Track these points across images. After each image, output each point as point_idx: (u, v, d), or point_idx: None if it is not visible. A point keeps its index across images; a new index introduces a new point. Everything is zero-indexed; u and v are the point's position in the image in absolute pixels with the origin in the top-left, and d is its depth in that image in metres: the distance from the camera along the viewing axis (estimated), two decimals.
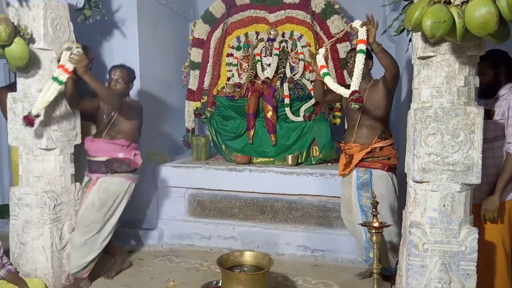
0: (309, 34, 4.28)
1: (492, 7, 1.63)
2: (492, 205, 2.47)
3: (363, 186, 2.93)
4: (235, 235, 3.90)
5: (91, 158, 3.13)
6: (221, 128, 4.26)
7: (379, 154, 2.90)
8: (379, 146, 2.89)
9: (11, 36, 2.54)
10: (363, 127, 2.97)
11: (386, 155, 2.90)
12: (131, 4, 3.95)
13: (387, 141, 2.92)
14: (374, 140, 2.90)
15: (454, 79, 2.13)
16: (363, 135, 2.96)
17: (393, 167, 2.95)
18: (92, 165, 3.13)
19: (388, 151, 2.92)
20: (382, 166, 2.90)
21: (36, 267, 2.96)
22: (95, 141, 3.12)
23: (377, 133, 2.91)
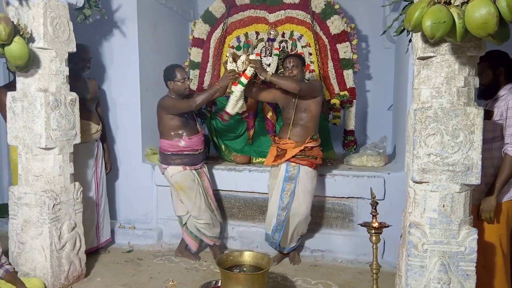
0: (309, 34, 4.28)
1: (492, 7, 1.63)
2: (488, 206, 2.48)
3: (290, 179, 3.29)
4: (234, 235, 3.90)
5: (199, 152, 3.47)
6: (221, 128, 4.26)
7: (309, 153, 3.28)
8: (310, 146, 3.26)
9: (10, 35, 2.54)
10: (297, 126, 3.32)
11: (315, 155, 3.29)
12: (131, 4, 3.95)
13: (316, 142, 3.31)
14: (307, 139, 3.26)
15: (454, 80, 2.13)
16: (297, 133, 3.31)
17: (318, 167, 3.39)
18: (199, 157, 3.50)
19: (316, 151, 3.31)
20: (310, 164, 3.28)
21: (35, 267, 2.95)
22: (198, 137, 3.47)
23: (310, 134, 3.28)
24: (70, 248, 3.08)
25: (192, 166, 3.44)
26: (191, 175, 3.43)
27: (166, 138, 3.40)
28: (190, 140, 3.39)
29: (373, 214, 2.39)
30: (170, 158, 3.39)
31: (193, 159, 3.44)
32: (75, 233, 3.13)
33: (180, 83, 3.33)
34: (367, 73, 4.93)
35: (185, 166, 3.40)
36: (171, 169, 3.39)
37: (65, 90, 3.05)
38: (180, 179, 3.39)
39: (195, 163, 3.47)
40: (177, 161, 3.39)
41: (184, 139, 3.37)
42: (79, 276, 3.19)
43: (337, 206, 3.73)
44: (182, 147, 3.37)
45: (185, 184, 3.39)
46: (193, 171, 3.45)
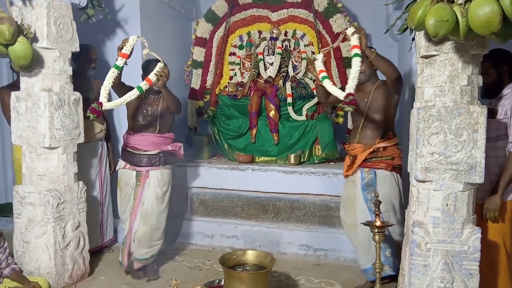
0: (311, 33, 4.27)
1: (496, 5, 1.62)
2: (493, 204, 2.47)
3: (368, 186, 2.90)
4: (237, 234, 3.90)
5: (141, 152, 3.14)
6: (224, 127, 4.26)
7: (382, 154, 2.89)
8: (382, 146, 2.88)
9: (14, 35, 2.55)
10: (367, 128, 2.96)
11: (390, 155, 2.89)
12: (134, 3, 3.95)
13: (390, 141, 2.91)
14: (377, 140, 2.90)
15: (457, 78, 2.12)
16: (367, 136, 2.95)
17: (397, 167, 2.92)
18: (143, 159, 3.14)
19: (391, 151, 2.91)
20: (386, 166, 2.88)
21: (39, 266, 2.97)
22: (145, 136, 3.15)
23: (380, 134, 2.91)
24: (74, 247, 3.10)
25: (133, 166, 3.16)
26: (126, 176, 3.18)
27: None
28: (131, 135, 3.18)
29: (376, 213, 2.39)
30: (121, 149, 3.29)
31: (133, 158, 3.15)
32: (79, 232, 3.14)
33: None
34: None
35: (126, 164, 3.19)
36: (119, 162, 3.28)
37: (68, 90, 3.06)
38: (119, 176, 3.24)
39: (136, 164, 3.15)
40: (122, 154, 3.26)
41: (126, 133, 3.24)
42: (83, 275, 3.21)
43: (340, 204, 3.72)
44: (126, 141, 3.21)
45: (120, 182, 3.22)
46: (133, 172, 3.16)
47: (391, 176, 2.89)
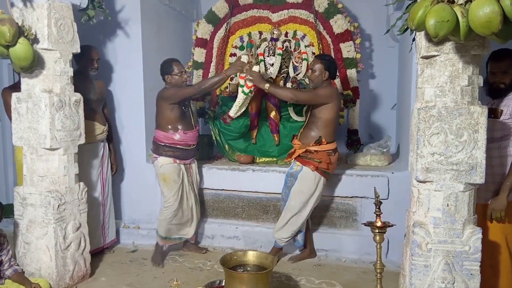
0: (312, 34, 4.27)
1: (496, 6, 1.62)
2: (500, 205, 2.47)
3: (291, 176, 3.37)
4: (238, 235, 3.90)
5: (191, 147, 3.54)
6: (224, 128, 4.26)
7: (312, 156, 3.25)
8: (313, 149, 3.25)
9: (15, 36, 2.56)
10: (307, 129, 3.36)
11: (318, 159, 3.24)
12: (135, 4, 3.96)
13: (322, 147, 3.25)
14: (312, 143, 3.26)
15: (458, 79, 2.12)
16: (305, 136, 3.35)
17: (324, 171, 3.28)
18: (191, 153, 3.58)
19: (321, 155, 3.24)
20: (312, 167, 3.25)
21: (40, 267, 2.97)
22: (194, 132, 3.55)
23: (315, 137, 3.26)
24: (75, 248, 3.10)
25: (182, 160, 3.51)
26: (178, 169, 3.49)
27: (161, 130, 3.46)
28: (185, 134, 3.46)
29: (376, 214, 2.39)
30: (163, 149, 3.45)
31: (184, 154, 3.50)
32: (80, 233, 3.14)
33: (177, 77, 3.43)
34: (371, 72, 4.92)
35: (176, 159, 3.46)
36: (162, 159, 3.45)
37: (69, 91, 3.07)
38: (168, 171, 3.45)
39: (186, 158, 3.54)
40: (169, 152, 3.45)
41: (180, 133, 3.44)
42: (84, 276, 3.21)
43: (341, 205, 3.73)
44: (176, 140, 3.44)
45: (170, 176, 3.45)
46: (181, 165, 3.52)
47: (314, 175, 3.26)
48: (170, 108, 3.41)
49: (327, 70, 3.26)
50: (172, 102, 3.40)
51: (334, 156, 3.32)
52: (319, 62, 3.28)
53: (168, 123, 3.44)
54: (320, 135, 3.26)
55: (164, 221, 3.51)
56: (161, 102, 3.44)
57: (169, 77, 3.45)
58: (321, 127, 3.28)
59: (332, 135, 3.32)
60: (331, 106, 3.23)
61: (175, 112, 3.43)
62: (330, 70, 3.28)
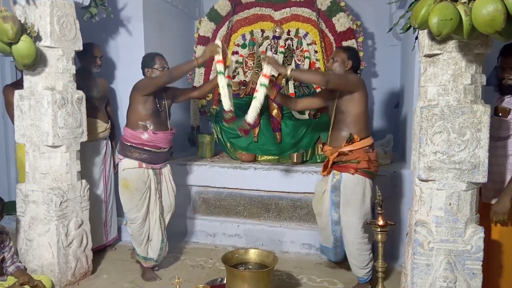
0: (314, 32, 4.26)
1: (500, 4, 1.61)
2: (502, 208, 2.41)
3: (335, 189, 2.91)
4: (239, 233, 3.90)
5: (161, 150, 3.17)
6: (226, 126, 4.26)
7: (347, 158, 2.85)
8: (347, 150, 2.85)
9: (18, 34, 2.56)
10: (336, 130, 2.97)
11: (355, 158, 2.83)
12: (137, 2, 3.96)
13: (355, 145, 2.86)
14: (343, 143, 2.88)
15: (461, 77, 2.12)
16: (335, 138, 2.96)
17: (366, 171, 2.85)
18: (162, 157, 3.20)
19: (357, 154, 2.84)
20: (350, 170, 2.84)
21: (43, 264, 2.98)
22: (166, 134, 3.19)
23: (346, 137, 2.88)
24: (77, 245, 3.11)
25: (150, 164, 3.12)
26: (144, 176, 3.11)
27: (130, 127, 3.12)
28: (154, 135, 3.09)
29: (379, 213, 2.39)
30: (128, 149, 3.09)
31: (153, 157, 3.12)
32: (82, 230, 3.15)
33: (158, 72, 3.12)
34: (373, 71, 4.91)
35: (142, 163, 3.09)
36: (126, 162, 3.08)
37: (72, 89, 3.07)
38: (130, 177, 3.08)
39: (155, 162, 3.14)
40: (134, 154, 3.08)
41: (149, 132, 3.08)
42: (86, 273, 3.22)
43: None
44: (144, 140, 3.07)
45: (132, 183, 3.08)
46: (149, 171, 3.13)
47: (356, 179, 2.84)
48: (142, 102, 3.06)
49: (350, 59, 2.95)
50: (145, 93, 3.04)
51: (373, 153, 2.93)
52: (342, 51, 3.01)
53: (138, 119, 3.09)
54: (350, 132, 2.88)
55: (135, 238, 3.19)
56: (134, 94, 3.10)
57: (149, 70, 3.14)
58: (351, 123, 2.89)
59: (366, 130, 2.92)
60: (358, 97, 2.86)
61: (148, 108, 3.09)
62: (353, 60, 2.96)
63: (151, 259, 3.23)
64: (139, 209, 3.13)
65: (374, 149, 2.98)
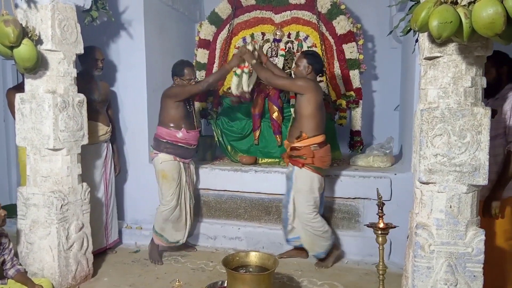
0: (315, 35, 4.28)
1: (500, 7, 1.62)
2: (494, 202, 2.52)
3: (288, 178, 3.39)
4: (240, 236, 3.90)
5: (192, 147, 3.58)
6: (227, 128, 4.27)
7: (297, 153, 3.25)
8: (297, 146, 3.23)
9: (19, 37, 2.57)
10: (293, 127, 3.38)
11: (302, 154, 3.21)
12: (138, 6, 3.97)
13: (304, 142, 3.22)
14: (294, 140, 3.26)
15: (461, 80, 2.12)
16: (291, 134, 3.36)
17: (312, 166, 3.22)
18: (191, 152, 3.62)
19: (304, 151, 3.21)
20: (298, 164, 3.25)
21: (43, 267, 2.98)
22: (197, 132, 3.60)
23: (297, 134, 3.24)
24: (77, 248, 3.11)
25: (182, 159, 3.54)
26: (178, 167, 3.52)
27: (164, 127, 3.49)
28: (188, 133, 3.49)
29: (379, 215, 2.38)
30: (164, 145, 3.47)
31: (185, 152, 3.54)
32: (82, 233, 3.15)
33: (186, 82, 3.48)
34: (374, 74, 4.92)
35: (176, 157, 3.49)
36: (163, 156, 3.47)
37: (73, 92, 3.08)
38: (168, 168, 3.47)
39: (186, 157, 3.57)
40: (170, 150, 3.47)
41: (183, 131, 3.47)
42: (87, 276, 3.22)
43: (343, 206, 3.72)
44: (178, 138, 3.47)
45: (170, 174, 3.48)
46: (181, 164, 3.54)
47: (304, 173, 3.24)
48: (175, 106, 3.45)
49: (310, 64, 3.27)
50: (178, 100, 3.44)
51: (321, 150, 3.25)
52: (303, 56, 3.33)
53: (172, 121, 3.47)
54: (300, 130, 3.24)
55: (161, 218, 3.53)
56: (166, 100, 3.47)
57: (177, 79, 3.50)
58: (303, 122, 3.24)
59: (316, 129, 3.24)
60: (308, 99, 3.19)
61: (180, 111, 3.47)
62: (313, 65, 3.28)
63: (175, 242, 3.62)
64: (175, 196, 3.51)
65: (324, 146, 3.29)
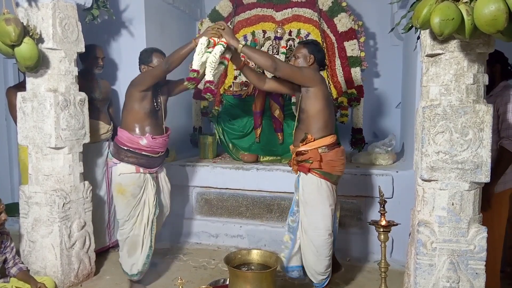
0: (316, 32, 4.26)
1: (502, 3, 1.61)
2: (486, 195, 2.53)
3: (295, 188, 2.88)
4: (242, 234, 3.90)
5: (159, 155, 3.01)
6: (228, 126, 4.26)
7: (303, 158, 2.75)
8: (302, 150, 2.75)
9: (20, 36, 2.57)
10: (297, 129, 2.87)
11: (308, 158, 2.72)
12: (139, 4, 3.97)
13: (311, 145, 2.73)
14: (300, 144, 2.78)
15: (463, 77, 2.11)
16: (296, 137, 2.86)
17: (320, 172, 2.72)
18: (159, 160, 3.05)
19: (311, 154, 2.72)
20: (304, 169, 2.75)
21: (46, 265, 2.99)
22: (163, 138, 3.03)
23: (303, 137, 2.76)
24: (80, 246, 3.11)
25: (147, 169, 2.97)
26: (140, 181, 2.95)
27: (127, 130, 2.93)
28: (153, 140, 2.94)
29: (381, 213, 2.38)
30: (125, 153, 2.91)
31: (150, 162, 2.98)
32: (84, 232, 3.16)
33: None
34: (375, 71, 4.91)
35: (139, 168, 2.93)
36: (122, 166, 2.90)
37: (74, 90, 3.08)
38: (126, 182, 2.90)
39: (152, 166, 3.01)
40: (131, 159, 2.90)
41: (147, 138, 2.91)
42: (89, 274, 3.23)
43: (345, 204, 3.72)
44: (142, 145, 2.91)
45: (129, 189, 2.91)
46: (146, 175, 2.98)
47: (311, 179, 2.74)
48: (139, 99, 2.88)
49: (312, 53, 2.80)
50: (143, 88, 2.86)
51: (330, 153, 2.74)
52: (302, 46, 2.85)
53: (135, 121, 2.91)
54: (306, 132, 2.76)
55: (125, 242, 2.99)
56: (130, 91, 2.91)
57: (145, 67, 2.98)
58: (309, 122, 2.75)
59: (323, 129, 2.75)
60: (315, 93, 2.69)
61: (145, 106, 2.91)
62: (315, 54, 2.81)
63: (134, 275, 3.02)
64: (132, 217, 2.96)
65: (334, 148, 2.78)
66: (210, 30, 2.69)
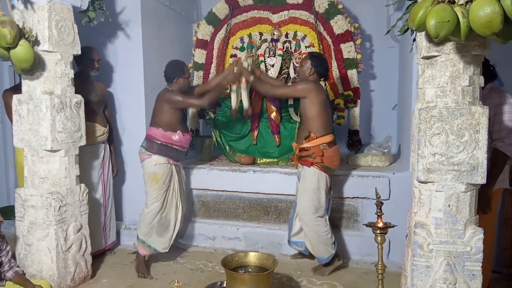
0: (312, 35, 4.27)
1: (497, 6, 1.62)
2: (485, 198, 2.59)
3: (298, 178, 3.40)
4: (239, 236, 3.90)
5: (184, 150, 3.52)
6: (225, 129, 4.26)
7: (306, 153, 3.26)
8: (305, 146, 3.24)
9: (16, 38, 2.56)
10: (300, 129, 3.43)
11: (312, 153, 3.22)
12: (135, 6, 3.96)
13: (312, 142, 3.22)
14: (303, 141, 3.27)
15: (459, 79, 2.12)
16: (299, 136, 3.39)
17: (321, 165, 3.21)
18: (183, 155, 3.57)
19: (314, 150, 3.22)
20: (307, 163, 3.25)
21: (42, 268, 2.97)
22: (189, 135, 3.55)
23: (305, 135, 3.26)
24: (76, 249, 3.10)
25: (175, 161, 3.45)
26: (170, 171, 3.42)
27: (159, 128, 3.37)
28: (183, 136, 3.43)
29: (378, 214, 2.39)
30: (159, 147, 3.35)
31: (178, 155, 3.47)
32: (81, 235, 3.14)
33: (186, 80, 3.46)
34: (371, 73, 4.92)
35: (170, 159, 3.39)
36: (157, 158, 3.34)
37: (70, 93, 3.07)
38: (161, 171, 3.35)
39: (178, 160, 3.50)
40: (164, 152, 3.36)
41: (179, 134, 3.39)
42: (85, 277, 3.21)
43: (342, 206, 3.73)
44: (174, 140, 3.38)
45: (162, 177, 3.36)
46: (173, 167, 3.45)
47: (312, 172, 3.23)
48: (172, 111, 3.37)
49: (313, 67, 3.26)
50: (176, 107, 3.37)
51: (330, 149, 3.23)
52: (308, 58, 3.32)
53: (169, 123, 3.38)
54: (309, 131, 3.24)
55: (145, 222, 3.38)
56: (164, 104, 3.36)
57: (179, 80, 3.38)
58: (310, 123, 3.24)
59: (323, 129, 3.24)
60: (311, 100, 3.20)
61: (177, 115, 3.41)
62: (317, 68, 3.27)
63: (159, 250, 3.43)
64: (160, 199, 3.39)
65: (333, 145, 3.30)
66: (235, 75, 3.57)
